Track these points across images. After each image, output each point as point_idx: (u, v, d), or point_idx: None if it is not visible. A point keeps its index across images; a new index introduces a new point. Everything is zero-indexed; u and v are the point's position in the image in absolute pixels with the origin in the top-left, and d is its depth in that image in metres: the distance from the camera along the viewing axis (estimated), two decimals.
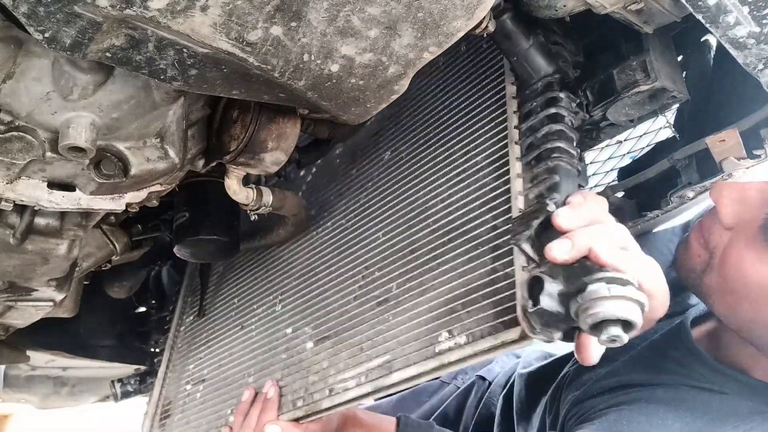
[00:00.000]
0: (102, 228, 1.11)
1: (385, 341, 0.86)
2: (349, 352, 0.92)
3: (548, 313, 0.62)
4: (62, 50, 0.54)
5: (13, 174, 0.73)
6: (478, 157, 0.88)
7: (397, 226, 0.97)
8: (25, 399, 1.78)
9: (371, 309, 0.92)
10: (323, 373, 0.95)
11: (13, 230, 0.85)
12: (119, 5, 0.50)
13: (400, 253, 0.93)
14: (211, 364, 1.27)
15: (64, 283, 1.01)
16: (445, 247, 0.85)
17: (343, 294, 1.00)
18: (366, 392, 0.86)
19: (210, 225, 1.11)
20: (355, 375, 0.88)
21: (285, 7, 0.55)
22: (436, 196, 0.92)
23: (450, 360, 0.75)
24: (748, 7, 0.60)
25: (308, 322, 1.04)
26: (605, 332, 0.57)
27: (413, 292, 0.86)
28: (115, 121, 0.71)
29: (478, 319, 0.74)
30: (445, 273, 0.83)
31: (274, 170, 0.91)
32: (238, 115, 0.85)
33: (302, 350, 1.02)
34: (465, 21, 0.61)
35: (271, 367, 1.07)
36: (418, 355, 0.80)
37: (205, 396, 1.22)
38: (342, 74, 0.64)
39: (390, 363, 0.84)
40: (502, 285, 0.73)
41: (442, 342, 0.77)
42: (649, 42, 0.80)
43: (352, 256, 1.03)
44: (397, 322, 0.86)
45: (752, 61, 0.65)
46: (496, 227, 0.79)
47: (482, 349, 0.72)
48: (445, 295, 0.81)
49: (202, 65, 0.60)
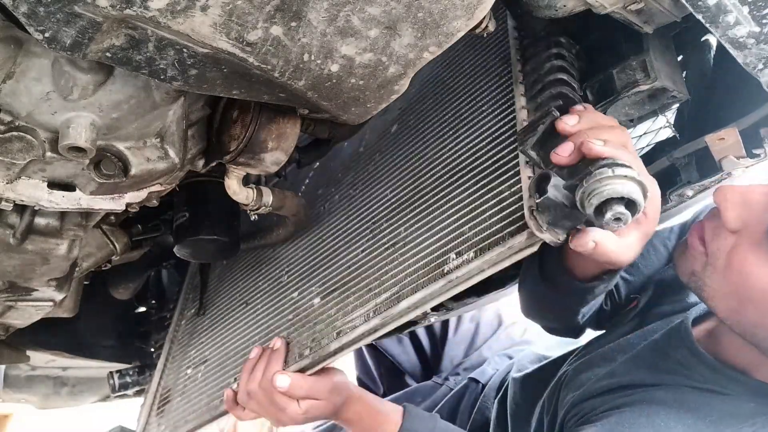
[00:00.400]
0: (102, 228, 1.11)
1: (394, 277, 0.85)
2: (357, 296, 0.91)
3: (554, 205, 0.64)
4: (62, 50, 0.54)
5: (13, 174, 0.73)
6: (483, 101, 0.91)
7: (404, 179, 0.98)
8: (25, 399, 1.78)
9: (380, 254, 0.92)
10: (330, 320, 0.93)
11: (13, 230, 0.85)
12: (119, 5, 0.50)
13: (407, 202, 0.94)
14: (213, 345, 1.24)
15: (64, 283, 1.01)
16: (452, 186, 0.87)
17: (352, 249, 1.00)
18: (374, 326, 0.84)
19: (210, 225, 1.11)
20: (363, 313, 0.87)
21: (285, 7, 0.55)
22: (442, 143, 0.94)
23: (458, 275, 0.75)
24: (748, 7, 0.60)
25: (315, 282, 1.03)
26: (610, 211, 0.59)
27: (421, 230, 0.87)
28: (115, 121, 0.71)
29: (486, 236, 0.75)
30: (453, 206, 0.84)
31: (274, 170, 0.91)
32: (238, 115, 0.85)
33: (309, 307, 1.01)
34: (465, 21, 0.61)
35: (278, 330, 1.05)
36: (427, 280, 0.79)
37: (206, 374, 1.20)
38: (342, 74, 0.64)
39: (398, 294, 0.83)
40: (509, 201, 0.75)
41: (450, 262, 0.77)
42: (649, 42, 0.80)
43: (360, 216, 1.03)
44: (405, 258, 0.86)
45: (752, 61, 0.65)
46: (502, 157, 0.81)
47: (491, 259, 0.72)
48: (452, 224, 0.82)
49: (202, 65, 0.60)
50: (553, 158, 0.67)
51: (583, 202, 0.61)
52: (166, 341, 1.45)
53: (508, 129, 0.84)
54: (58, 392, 1.80)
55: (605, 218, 0.59)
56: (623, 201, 0.59)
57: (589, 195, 0.60)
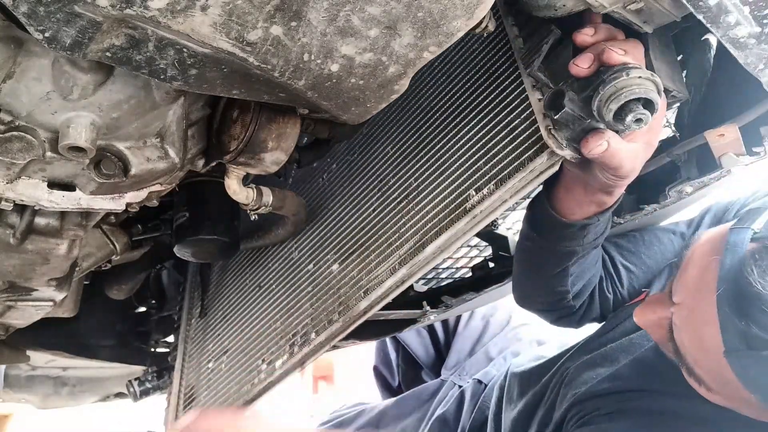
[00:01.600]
0: (102, 228, 1.11)
1: (413, 227, 0.84)
2: (378, 252, 0.89)
3: (572, 119, 0.64)
4: (62, 50, 0.54)
5: (13, 174, 0.73)
6: (473, 37, 0.88)
7: (404, 132, 0.96)
8: (25, 399, 1.78)
9: (393, 209, 0.90)
10: (354, 282, 0.91)
11: (13, 230, 0.85)
12: (119, 5, 0.50)
13: (413, 153, 0.92)
14: (232, 334, 1.22)
15: (64, 283, 1.01)
16: (456, 127, 0.85)
17: (362, 212, 0.98)
18: (401, 276, 0.82)
19: (210, 225, 1.11)
20: (388, 267, 0.85)
21: (285, 7, 0.55)
22: (437, 87, 0.92)
23: (482, 210, 0.74)
24: (748, 7, 0.60)
25: (330, 250, 1.01)
26: (630, 113, 0.59)
27: (434, 176, 0.85)
28: (115, 120, 0.71)
29: (504, 165, 0.74)
30: (462, 146, 0.83)
31: (274, 170, 0.91)
32: (238, 114, 0.85)
33: (329, 275, 0.99)
34: (465, 21, 0.61)
35: (298, 304, 1.03)
36: (450, 221, 0.78)
37: (231, 364, 1.18)
38: (342, 74, 0.64)
39: (421, 241, 0.81)
40: (521, 128, 0.74)
41: (471, 199, 0.76)
42: (649, 41, 0.80)
43: (365, 177, 1.01)
44: (422, 207, 0.84)
45: (753, 61, 0.65)
46: (505, 88, 0.80)
47: (513, 187, 0.72)
48: (465, 163, 0.81)
49: (202, 65, 0.60)
50: (573, 69, 0.66)
51: (601, 110, 0.61)
52: (180, 341, 1.44)
53: (504, 60, 0.82)
54: (58, 392, 1.80)
55: (626, 121, 0.60)
56: (641, 101, 0.60)
57: (607, 101, 0.60)
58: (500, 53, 0.85)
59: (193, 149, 0.86)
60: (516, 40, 0.80)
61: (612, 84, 0.61)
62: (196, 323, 1.43)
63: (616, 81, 0.60)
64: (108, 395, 1.89)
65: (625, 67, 0.62)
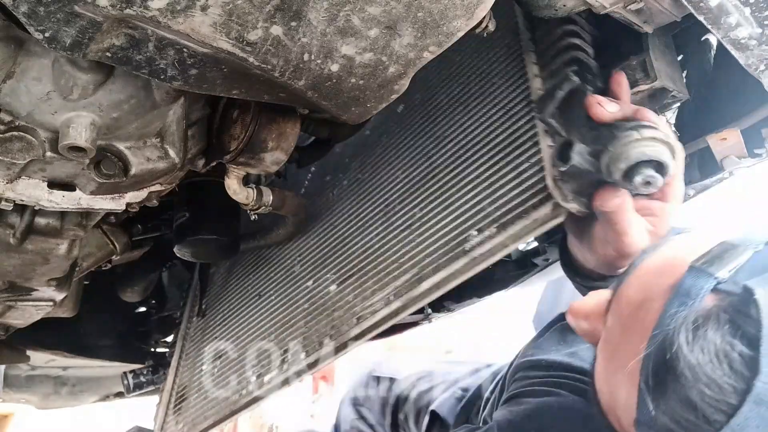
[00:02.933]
0: (102, 228, 1.11)
1: (412, 258, 0.83)
2: (375, 279, 0.89)
3: (579, 173, 0.62)
4: (62, 50, 0.54)
5: (14, 174, 0.73)
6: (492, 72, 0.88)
7: (414, 159, 0.96)
8: (25, 399, 1.78)
9: (395, 237, 0.90)
10: (349, 306, 0.91)
11: (13, 230, 0.85)
12: (119, 5, 0.50)
13: (421, 182, 0.92)
14: (228, 339, 1.23)
15: (64, 283, 1.01)
16: (466, 162, 0.85)
17: (365, 233, 0.98)
18: (396, 309, 0.82)
19: (210, 225, 1.12)
20: (383, 297, 0.85)
21: (285, 7, 0.55)
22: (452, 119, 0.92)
23: (481, 252, 0.73)
24: (749, 9, 0.60)
25: (330, 269, 1.01)
26: (639, 175, 0.57)
27: (438, 209, 0.85)
28: (115, 120, 0.71)
29: (507, 209, 0.73)
30: (469, 182, 0.82)
31: (274, 170, 0.91)
32: (238, 114, 0.85)
33: (325, 294, 0.99)
34: (465, 20, 0.61)
35: (293, 320, 1.04)
36: (448, 260, 0.77)
37: (222, 369, 1.19)
38: (342, 74, 0.64)
39: (419, 275, 0.81)
40: (529, 173, 0.73)
41: (472, 239, 0.75)
42: (649, 41, 0.80)
43: (372, 199, 1.01)
44: (423, 239, 0.84)
45: (753, 62, 0.65)
46: (518, 129, 0.78)
47: (514, 234, 0.70)
48: (470, 200, 0.80)
49: (202, 65, 0.60)
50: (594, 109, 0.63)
51: (609, 168, 0.59)
52: (179, 339, 1.44)
53: (521, 99, 0.82)
54: (58, 392, 1.80)
55: (634, 183, 0.57)
56: (652, 164, 0.57)
57: (616, 159, 0.58)
58: (518, 92, 0.84)
59: (193, 149, 0.86)
60: (534, 79, 0.79)
61: (622, 143, 0.58)
62: (196, 322, 1.43)
63: (627, 139, 0.57)
64: (108, 395, 1.89)
65: (639, 125, 0.58)
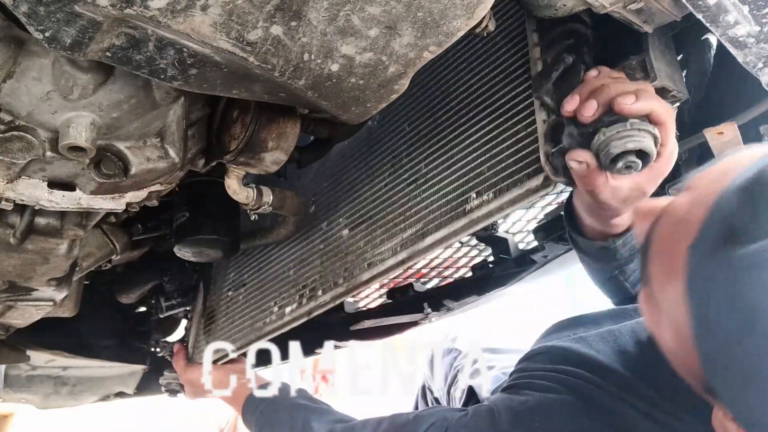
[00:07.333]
0: (102, 228, 1.11)
1: (417, 213, 0.91)
2: (384, 229, 0.97)
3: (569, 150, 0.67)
4: (62, 50, 0.54)
5: (14, 173, 0.73)
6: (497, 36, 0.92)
7: (421, 113, 1.01)
8: (25, 399, 1.78)
9: (402, 190, 0.97)
10: (360, 252, 1.00)
11: (13, 230, 0.85)
12: (119, 4, 0.50)
13: (426, 137, 0.98)
14: (250, 269, 1.32)
15: (64, 283, 1.01)
16: (468, 123, 0.90)
17: (374, 183, 1.05)
18: (402, 259, 0.90)
19: (210, 225, 1.12)
20: (391, 247, 0.93)
21: (285, 7, 0.55)
22: (457, 77, 0.96)
23: (479, 215, 0.79)
24: (747, 7, 0.60)
25: (342, 214, 1.09)
26: (621, 161, 0.62)
27: (441, 167, 0.91)
28: (115, 120, 0.71)
29: (504, 176, 0.79)
30: (471, 144, 0.88)
31: (274, 170, 0.91)
32: (238, 114, 0.85)
33: (339, 238, 1.07)
34: (465, 20, 0.61)
35: (310, 258, 1.13)
36: (450, 218, 0.84)
37: (247, 297, 1.28)
38: (342, 74, 0.64)
39: (423, 230, 0.88)
40: (525, 143, 0.78)
41: (471, 202, 0.82)
42: (649, 41, 0.80)
43: (380, 149, 1.07)
44: (428, 195, 0.90)
45: (752, 60, 0.65)
46: (517, 95, 0.83)
47: (508, 200, 0.76)
48: (471, 162, 0.86)
49: (202, 65, 0.60)
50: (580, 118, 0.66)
51: (598, 153, 0.64)
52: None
53: (521, 65, 0.85)
54: (59, 392, 1.80)
55: (617, 166, 0.63)
56: (634, 152, 0.62)
57: (605, 147, 0.63)
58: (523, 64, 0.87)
59: (193, 149, 0.86)
60: (534, 48, 0.82)
61: (612, 132, 0.63)
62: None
63: (617, 130, 0.63)
64: (108, 395, 1.89)
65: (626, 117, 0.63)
